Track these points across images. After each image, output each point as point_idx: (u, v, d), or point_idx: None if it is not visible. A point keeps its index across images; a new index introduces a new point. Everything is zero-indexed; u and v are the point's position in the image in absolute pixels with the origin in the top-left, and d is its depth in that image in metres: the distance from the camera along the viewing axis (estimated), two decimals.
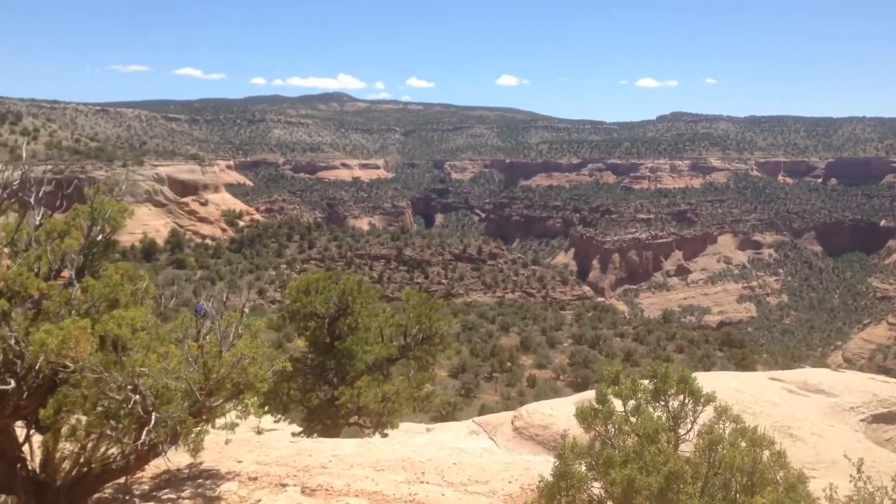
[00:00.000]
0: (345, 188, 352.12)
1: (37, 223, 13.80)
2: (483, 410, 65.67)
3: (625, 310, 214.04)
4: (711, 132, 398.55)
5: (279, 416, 15.92)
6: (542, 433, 17.57)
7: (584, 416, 11.73)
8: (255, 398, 13.00)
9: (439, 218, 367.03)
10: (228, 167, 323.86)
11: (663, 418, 11.69)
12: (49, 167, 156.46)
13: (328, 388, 14.21)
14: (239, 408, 12.97)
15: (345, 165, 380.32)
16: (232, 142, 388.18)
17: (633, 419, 11.56)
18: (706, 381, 19.59)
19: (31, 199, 13.96)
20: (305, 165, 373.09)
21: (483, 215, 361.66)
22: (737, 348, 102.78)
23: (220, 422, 13.30)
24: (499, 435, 18.43)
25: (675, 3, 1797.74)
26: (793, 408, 17.59)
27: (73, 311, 12.25)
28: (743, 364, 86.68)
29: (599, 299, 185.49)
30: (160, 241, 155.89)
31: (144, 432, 11.10)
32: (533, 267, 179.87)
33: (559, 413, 18.08)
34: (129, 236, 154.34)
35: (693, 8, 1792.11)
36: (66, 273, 13.22)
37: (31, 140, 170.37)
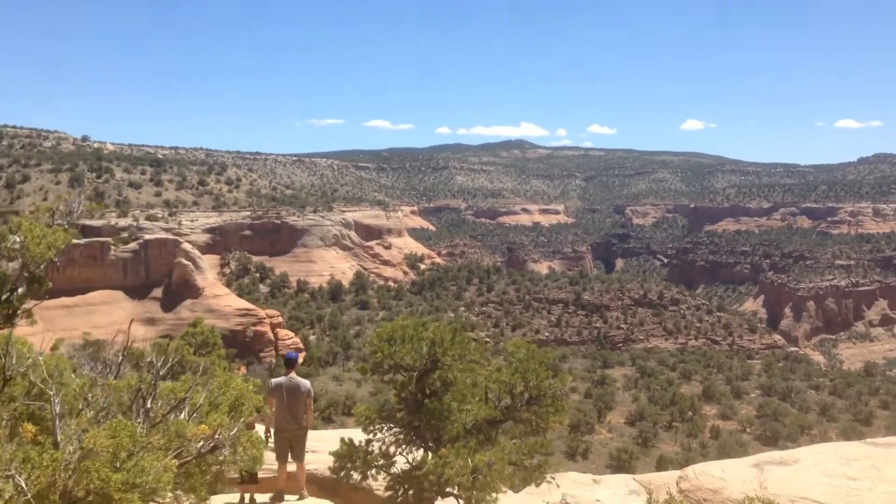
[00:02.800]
0: (525, 233, 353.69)
1: None
2: (661, 461, 62.82)
3: (821, 361, 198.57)
4: None
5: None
6: (711, 498, 15.80)
7: None
8: None
9: (620, 263, 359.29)
10: (412, 212, 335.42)
11: None
12: (248, 213, 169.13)
13: (423, 452, 12.73)
14: None
15: (525, 211, 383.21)
16: (416, 188, 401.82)
17: None
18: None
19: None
20: (486, 211, 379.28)
21: (665, 260, 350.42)
22: None
23: None
24: (661, 497, 17.04)
25: (876, 42, 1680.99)
26: None
27: None
28: None
29: (792, 349, 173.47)
30: (346, 283, 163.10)
31: None
32: (718, 314, 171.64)
33: (731, 477, 15.86)
34: (317, 278, 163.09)
35: None
36: None
37: (234, 188, 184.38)
